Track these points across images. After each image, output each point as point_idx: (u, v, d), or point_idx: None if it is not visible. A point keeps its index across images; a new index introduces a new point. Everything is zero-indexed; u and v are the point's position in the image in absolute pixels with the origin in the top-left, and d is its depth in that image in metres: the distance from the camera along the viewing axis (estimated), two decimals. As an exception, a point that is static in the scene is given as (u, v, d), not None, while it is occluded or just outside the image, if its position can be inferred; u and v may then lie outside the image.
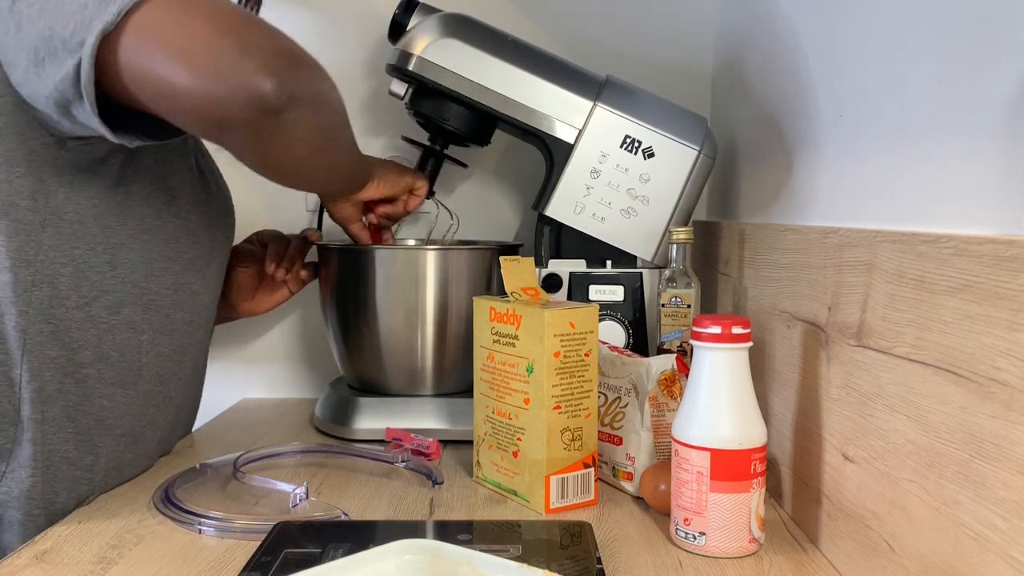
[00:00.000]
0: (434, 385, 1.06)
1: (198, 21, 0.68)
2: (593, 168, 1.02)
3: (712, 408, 0.70)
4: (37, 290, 0.77)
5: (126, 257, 0.83)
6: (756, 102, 1.02)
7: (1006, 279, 0.46)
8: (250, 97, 0.68)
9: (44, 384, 0.78)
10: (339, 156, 0.85)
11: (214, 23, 0.69)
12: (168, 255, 0.87)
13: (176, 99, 0.69)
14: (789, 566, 0.69)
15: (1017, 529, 0.45)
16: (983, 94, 0.51)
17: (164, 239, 0.87)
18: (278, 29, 0.74)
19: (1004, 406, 0.46)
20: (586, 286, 1.04)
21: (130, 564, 0.69)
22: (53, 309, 0.78)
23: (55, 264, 0.78)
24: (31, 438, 0.78)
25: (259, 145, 0.75)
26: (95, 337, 0.82)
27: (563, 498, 0.81)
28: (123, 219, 0.82)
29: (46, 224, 0.77)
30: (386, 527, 0.76)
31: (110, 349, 0.83)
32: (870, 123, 0.68)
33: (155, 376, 0.89)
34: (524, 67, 1.02)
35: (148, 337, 0.87)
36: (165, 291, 0.88)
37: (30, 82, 0.71)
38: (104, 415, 0.84)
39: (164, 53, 0.68)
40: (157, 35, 0.68)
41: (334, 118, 0.79)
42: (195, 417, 1.08)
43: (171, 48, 0.68)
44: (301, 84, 0.71)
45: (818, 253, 0.74)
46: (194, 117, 0.72)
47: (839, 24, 0.76)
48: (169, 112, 0.72)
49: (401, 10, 1.06)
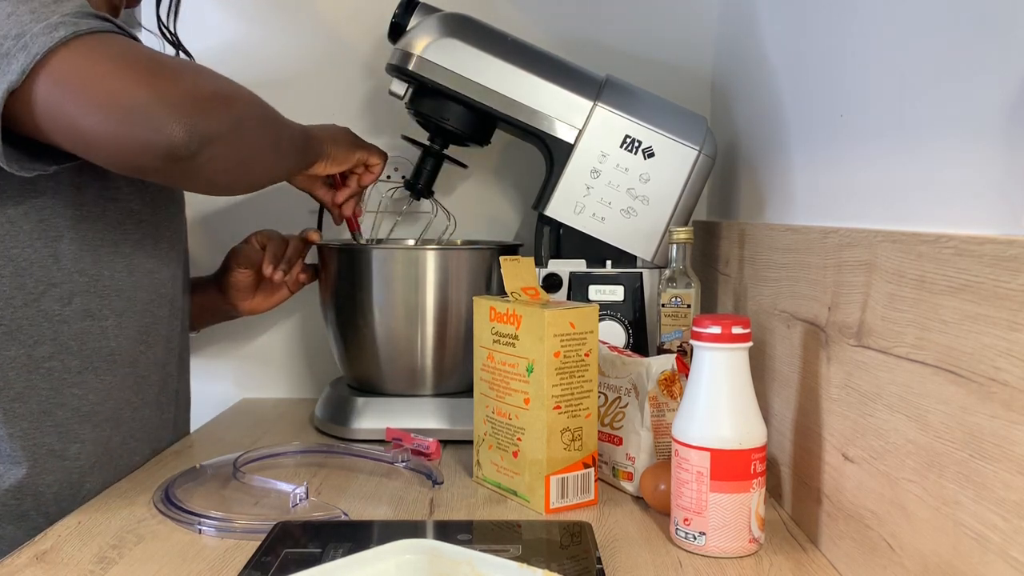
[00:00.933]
0: (434, 385, 1.06)
1: (105, 73, 0.69)
2: (593, 168, 1.02)
3: (712, 408, 0.70)
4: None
5: (67, 248, 0.83)
6: (756, 102, 1.02)
7: (1006, 279, 0.46)
8: (160, 148, 0.68)
9: (8, 383, 0.80)
10: (267, 161, 0.85)
11: (122, 73, 0.69)
12: (115, 239, 0.87)
13: (90, 149, 0.71)
14: (789, 566, 0.69)
15: (1017, 529, 0.45)
16: (983, 94, 0.51)
17: (106, 225, 0.86)
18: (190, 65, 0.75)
19: (1004, 406, 0.46)
20: (586, 286, 1.04)
21: (130, 564, 0.69)
22: (1, 311, 0.79)
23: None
24: (8, 434, 0.79)
25: (181, 183, 0.78)
26: (50, 330, 0.82)
27: (563, 498, 0.81)
28: (56, 212, 0.82)
29: None
30: (386, 527, 0.76)
31: (68, 339, 0.83)
32: (870, 123, 0.68)
33: (126, 359, 0.89)
34: (524, 67, 1.02)
35: (112, 322, 0.87)
36: (119, 275, 0.88)
37: None
38: (80, 404, 0.85)
39: (73, 104, 0.68)
40: (65, 87, 0.68)
41: (255, 137, 0.79)
42: (188, 401, 1.07)
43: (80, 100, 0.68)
44: (213, 124, 0.71)
45: (818, 253, 0.74)
46: (110, 163, 0.73)
47: (839, 24, 0.76)
48: (86, 156, 0.73)
49: (401, 10, 1.06)
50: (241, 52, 1.27)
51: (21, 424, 0.81)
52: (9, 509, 0.80)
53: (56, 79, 0.68)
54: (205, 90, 0.73)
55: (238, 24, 1.28)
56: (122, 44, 0.71)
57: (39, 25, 0.68)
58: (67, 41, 0.68)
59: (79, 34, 0.69)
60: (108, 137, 0.69)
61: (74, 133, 0.70)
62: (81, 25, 0.69)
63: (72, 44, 0.68)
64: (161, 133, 0.68)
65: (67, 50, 0.68)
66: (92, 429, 0.86)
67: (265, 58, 1.28)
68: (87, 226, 0.84)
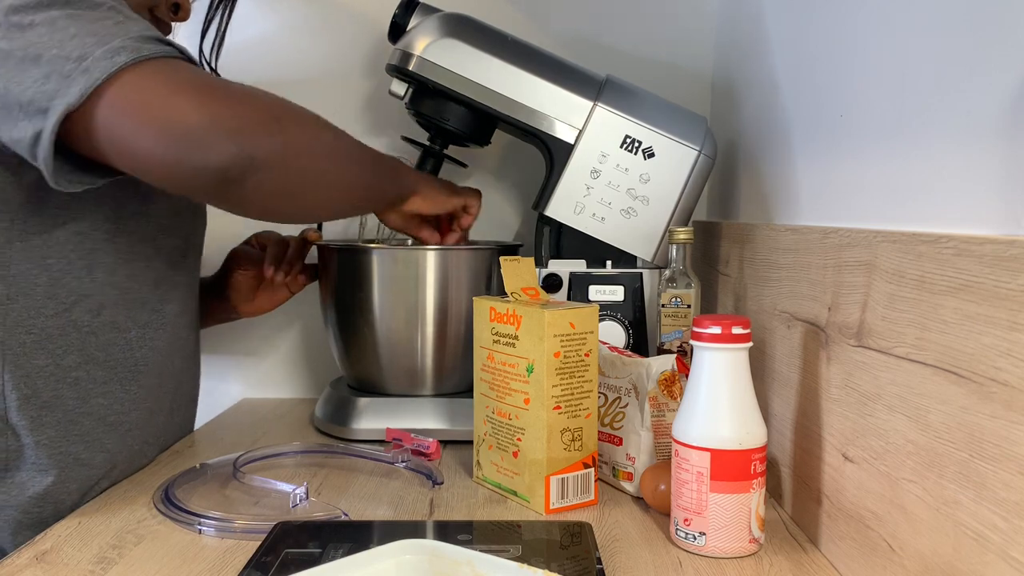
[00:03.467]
0: (434, 385, 1.06)
1: (163, 97, 0.70)
2: (593, 168, 1.02)
3: (712, 408, 0.70)
4: (13, 303, 0.78)
5: (103, 260, 0.84)
6: (756, 102, 1.02)
7: (1006, 279, 0.46)
8: (211, 171, 0.70)
9: (36, 392, 0.80)
10: (331, 190, 0.84)
11: (178, 98, 0.70)
12: (147, 253, 0.88)
13: (144, 170, 0.72)
14: (789, 566, 0.69)
15: (1017, 529, 0.45)
16: (983, 94, 0.51)
17: (140, 239, 0.87)
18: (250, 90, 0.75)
19: (1004, 406, 0.46)
20: (586, 286, 1.04)
21: (130, 564, 0.69)
22: (32, 319, 0.79)
23: (29, 276, 0.79)
24: (35, 443, 0.79)
25: (236, 207, 0.78)
26: (78, 341, 0.83)
27: (563, 498, 0.81)
28: (95, 225, 0.83)
29: (12, 240, 0.78)
30: (386, 527, 0.76)
31: (95, 350, 0.84)
32: (870, 123, 0.68)
33: (152, 370, 0.90)
34: (524, 67, 1.02)
35: (136, 334, 0.87)
36: (147, 288, 0.89)
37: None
38: (106, 413, 0.85)
39: (130, 127, 0.69)
40: (122, 111, 0.69)
41: (315, 165, 0.80)
42: (195, 405, 1.08)
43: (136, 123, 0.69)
44: (263, 150, 0.73)
45: (818, 253, 0.74)
46: (165, 185, 0.75)
47: (839, 24, 0.76)
48: (140, 177, 0.74)
49: (401, 10, 1.06)
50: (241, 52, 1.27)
51: (48, 432, 0.81)
52: (31, 517, 0.80)
53: (114, 103, 0.69)
54: (261, 116, 0.74)
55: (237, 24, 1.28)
56: (181, 69, 0.72)
57: (101, 49, 0.69)
58: (128, 67, 0.69)
59: (140, 59, 0.70)
60: (163, 160, 0.70)
61: (129, 155, 0.71)
62: (143, 50, 0.70)
63: (133, 69, 0.69)
64: (212, 157, 0.70)
65: (127, 75, 0.69)
66: (117, 437, 0.86)
67: (265, 58, 1.28)
68: (123, 240, 0.85)
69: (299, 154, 0.77)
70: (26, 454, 0.80)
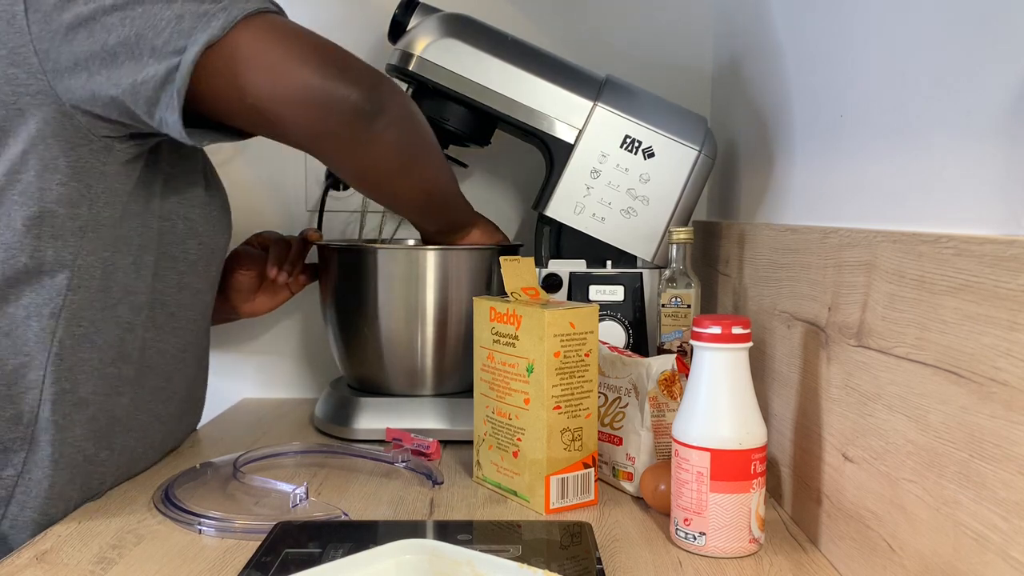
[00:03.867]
0: (434, 385, 1.06)
1: (295, 41, 0.75)
2: (593, 168, 1.02)
3: (712, 408, 0.70)
4: (72, 294, 0.78)
5: (145, 258, 0.84)
6: (756, 102, 1.02)
7: (1006, 279, 0.46)
8: (350, 103, 0.76)
9: (75, 387, 0.79)
10: (427, 174, 0.90)
11: (310, 44, 0.76)
12: (175, 255, 0.89)
13: (283, 97, 0.75)
14: (789, 566, 0.69)
15: (1017, 529, 0.45)
16: (983, 94, 0.51)
17: (173, 240, 0.88)
18: None
19: (1004, 406, 0.46)
20: (586, 286, 1.04)
21: (130, 564, 0.69)
22: (84, 312, 0.79)
23: (90, 269, 0.79)
24: (51, 439, 0.78)
25: (353, 153, 0.82)
26: (117, 338, 0.83)
27: (563, 498, 0.81)
28: (146, 222, 0.84)
29: (86, 230, 0.78)
30: (386, 527, 0.76)
31: (131, 348, 0.84)
32: (870, 123, 0.68)
33: (161, 372, 0.90)
34: (524, 67, 1.02)
35: (152, 335, 0.87)
36: (170, 290, 0.89)
37: (92, 82, 0.73)
38: (121, 413, 0.85)
39: (265, 65, 0.74)
40: (258, 49, 0.73)
41: (421, 137, 0.87)
42: (201, 411, 1.08)
43: (272, 61, 0.74)
44: (390, 100, 0.80)
45: (818, 253, 0.74)
46: (292, 124, 0.77)
47: (839, 24, 0.76)
48: (264, 120, 0.77)
49: (401, 10, 1.06)
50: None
51: (75, 430, 0.80)
52: (49, 518, 0.79)
53: (258, 34, 0.73)
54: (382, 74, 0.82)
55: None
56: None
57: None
58: (261, 12, 0.74)
59: (270, 10, 0.76)
60: (308, 85, 0.74)
61: (273, 83, 0.74)
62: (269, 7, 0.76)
63: (265, 14, 0.75)
64: (356, 91, 0.76)
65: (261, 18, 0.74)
66: (123, 438, 0.86)
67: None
68: (166, 240, 0.86)
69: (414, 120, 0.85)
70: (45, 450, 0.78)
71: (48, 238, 0.76)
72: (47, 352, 0.77)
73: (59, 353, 0.77)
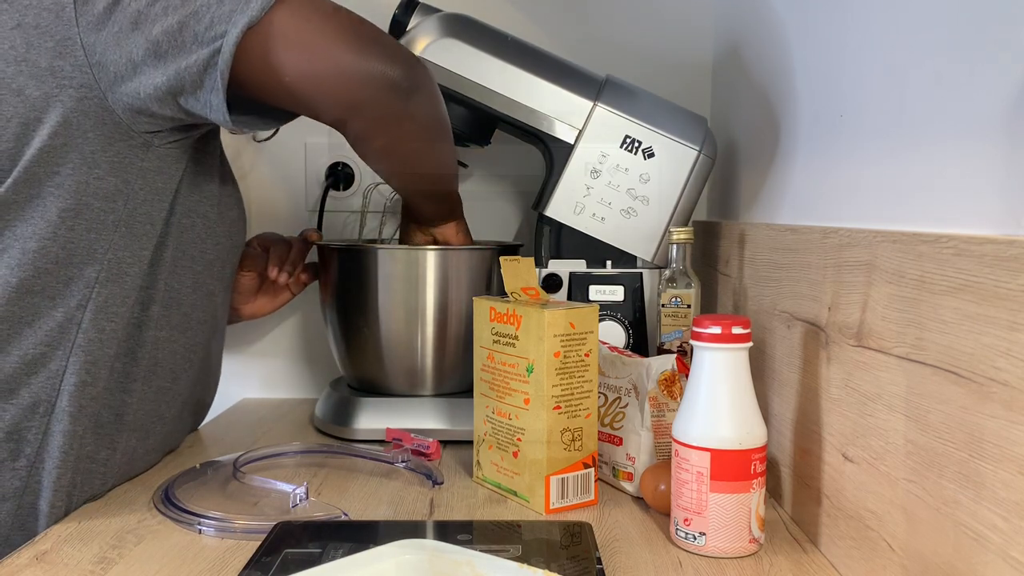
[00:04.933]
0: (434, 385, 1.06)
1: (332, 19, 0.77)
2: (593, 168, 1.02)
3: (712, 408, 0.70)
4: (100, 287, 0.78)
5: (164, 255, 0.84)
6: (756, 102, 1.02)
7: (1006, 279, 0.46)
8: (388, 78, 0.78)
9: (94, 380, 0.79)
10: (444, 156, 0.94)
11: (347, 21, 0.78)
12: (192, 255, 0.89)
13: (321, 71, 0.77)
14: (789, 566, 0.69)
15: (1017, 529, 0.45)
16: (983, 94, 0.51)
17: (192, 239, 0.88)
18: None
19: (1004, 406, 0.46)
20: (586, 286, 1.04)
21: (130, 564, 0.69)
22: (109, 305, 0.79)
23: (122, 263, 0.79)
24: (63, 430, 0.78)
25: (386, 129, 0.84)
26: (132, 334, 0.83)
27: (563, 498, 0.81)
28: (169, 219, 0.84)
29: (119, 225, 0.79)
30: (386, 527, 0.76)
31: (144, 346, 0.84)
32: (870, 123, 0.68)
33: (168, 372, 0.90)
34: (524, 67, 1.02)
35: (165, 334, 0.87)
36: (185, 290, 0.89)
37: (138, 77, 0.74)
38: (124, 410, 0.85)
39: (302, 43, 0.75)
40: (295, 28, 0.75)
41: (445, 118, 0.90)
42: (204, 415, 1.08)
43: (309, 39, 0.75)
44: (424, 78, 0.83)
45: (818, 253, 0.74)
46: (330, 100, 0.79)
47: (839, 24, 0.76)
48: (303, 97, 0.78)
49: (401, 10, 1.06)
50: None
51: (83, 423, 0.80)
52: (56, 511, 0.79)
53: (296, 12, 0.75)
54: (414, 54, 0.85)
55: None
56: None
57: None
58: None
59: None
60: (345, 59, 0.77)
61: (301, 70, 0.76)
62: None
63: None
64: (393, 66, 0.79)
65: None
66: (125, 436, 0.86)
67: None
68: (186, 238, 0.87)
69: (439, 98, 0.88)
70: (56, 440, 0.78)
71: (83, 231, 0.76)
72: (71, 343, 0.77)
73: (82, 344, 0.78)
